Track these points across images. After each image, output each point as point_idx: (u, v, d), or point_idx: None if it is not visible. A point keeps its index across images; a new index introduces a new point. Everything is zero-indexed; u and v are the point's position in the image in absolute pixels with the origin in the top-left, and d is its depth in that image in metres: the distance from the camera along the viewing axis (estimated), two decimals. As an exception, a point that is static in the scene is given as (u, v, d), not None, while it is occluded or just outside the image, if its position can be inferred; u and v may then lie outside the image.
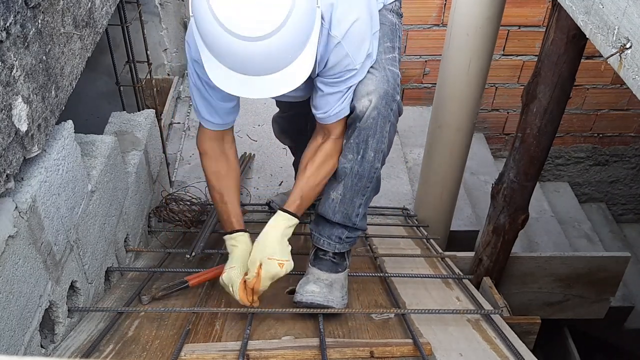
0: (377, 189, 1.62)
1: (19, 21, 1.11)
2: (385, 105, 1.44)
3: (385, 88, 1.43)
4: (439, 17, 3.54)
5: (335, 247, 1.62)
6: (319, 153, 1.53)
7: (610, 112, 4.02)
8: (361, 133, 1.46)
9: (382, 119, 1.45)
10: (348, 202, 1.57)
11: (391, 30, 1.56)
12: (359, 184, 1.54)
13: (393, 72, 1.47)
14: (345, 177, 1.54)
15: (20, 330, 1.17)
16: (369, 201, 1.61)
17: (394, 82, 1.45)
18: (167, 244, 2.19)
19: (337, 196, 1.57)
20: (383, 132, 1.47)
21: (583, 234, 3.89)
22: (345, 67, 1.40)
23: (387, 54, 1.50)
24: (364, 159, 1.50)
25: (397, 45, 1.56)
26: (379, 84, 1.43)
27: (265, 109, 3.29)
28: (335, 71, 1.41)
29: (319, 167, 1.53)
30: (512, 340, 1.52)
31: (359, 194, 1.56)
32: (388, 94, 1.43)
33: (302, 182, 1.54)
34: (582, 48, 1.80)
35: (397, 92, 1.46)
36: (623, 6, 1.07)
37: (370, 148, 1.48)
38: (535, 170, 2.12)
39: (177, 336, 1.42)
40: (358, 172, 1.52)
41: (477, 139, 3.76)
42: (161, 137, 2.46)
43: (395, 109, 1.47)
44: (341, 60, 1.39)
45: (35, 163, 1.27)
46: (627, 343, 3.62)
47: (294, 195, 1.53)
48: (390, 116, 1.46)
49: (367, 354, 1.37)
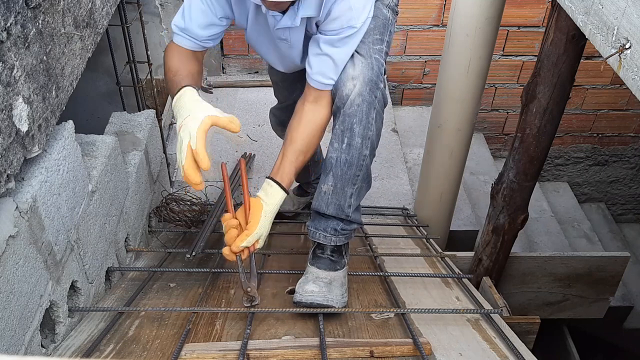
0: (368, 181, 1.63)
1: (19, 21, 1.11)
2: (369, 91, 1.47)
3: (370, 75, 1.47)
4: (439, 18, 3.54)
5: (332, 240, 1.62)
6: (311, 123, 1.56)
7: (610, 112, 4.03)
8: (346, 119, 1.49)
9: (366, 105, 1.47)
10: (339, 192, 1.57)
11: (383, 25, 1.58)
12: (349, 173, 1.55)
13: (378, 60, 1.50)
14: (334, 167, 1.55)
15: (21, 330, 1.17)
16: (361, 193, 1.62)
17: (378, 70, 1.49)
18: (167, 244, 2.19)
19: (328, 188, 1.58)
20: (369, 118, 1.49)
21: (582, 234, 3.89)
22: (347, 22, 1.43)
23: (375, 45, 1.53)
24: (351, 146, 1.51)
25: (386, 39, 1.58)
26: (364, 69, 1.47)
27: (265, 109, 3.28)
28: (336, 25, 1.44)
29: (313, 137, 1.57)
30: (512, 339, 1.53)
31: (350, 183, 1.57)
32: (372, 81, 1.47)
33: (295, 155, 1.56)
34: (581, 48, 1.80)
35: (380, 81, 1.49)
36: (622, 6, 1.07)
37: (357, 135, 1.50)
38: (534, 170, 2.12)
39: (177, 336, 1.42)
40: (347, 160, 1.53)
41: (477, 139, 3.77)
42: (161, 137, 2.46)
43: (380, 97, 1.50)
44: (345, 13, 1.42)
45: (35, 163, 1.27)
46: (626, 343, 3.62)
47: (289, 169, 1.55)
48: (374, 103, 1.48)
49: (367, 353, 1.37)
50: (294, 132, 1.57)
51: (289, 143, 1.57)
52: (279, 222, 2.40)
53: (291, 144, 1.57)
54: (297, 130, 1.57)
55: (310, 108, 1.56)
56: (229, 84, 3.68)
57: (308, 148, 1.58)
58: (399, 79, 3.82)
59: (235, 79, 3.74)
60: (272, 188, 1.54)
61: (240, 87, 3.66)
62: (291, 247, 2.15)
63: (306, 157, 1.59)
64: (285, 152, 1.57)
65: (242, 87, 3.66)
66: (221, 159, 3.02)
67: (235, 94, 3.61)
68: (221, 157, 3.04)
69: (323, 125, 1.59)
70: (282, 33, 1.55)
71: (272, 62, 1.79)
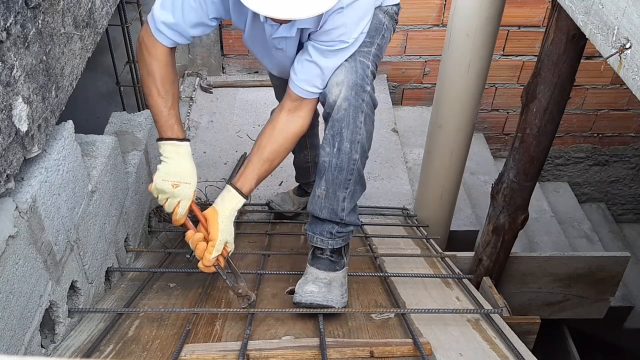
0: (361, 184, 1.63)
1: (19, 21, 1.11)
2: (355, 95, 1.47)
3: (354, 79, 1.46)
4: (439, 18, 3.54)
5: (328, 243, 1.62)
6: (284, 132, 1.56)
7: (610, 112, 4.02)
8: (335, 125, 1.50)
9: (353, 110, 1.47)
10: (332, 196, 1.58)
11: (376, 28, 1.58)
12: (340, 177, 1.55)
13: (363, 63, 1.49)
14: (326, 172, 1.56)
15: (21, 330, 1.17)
16: (355, 196, 1.62)
17: (362, 73, 1.48)
18: (167, 244, 2.19)
19: (321, 192, 1.59)
20: (357, 122, 1.49)
21: (583, 234, 3.89)
22: (338, 37, 1.43)
23: (362, 47, 1.52)
24: (340, 151, 1.52)
25: (377, 42, 1.58)
26: (348, 74, 1.47)
27: (265, 109, 3.28)
28: (327, 38, 1.44)
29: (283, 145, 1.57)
30: (512, 340, 1.53)
31: (341, 188, 1.57)
32: (357, 85, 1.47)
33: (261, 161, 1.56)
34: (581, 48, 1.80)
35: (366, 83, 1.49)
36: (623, 6, 1.07)
37: (346, 139, 1.50)
38: (535, 170, 2.12)
39: (177, 336, 1.42)
40: (337, 164, 1.53)
41: (477, 139, 3.77)
42: (161, 137, 2.46)
43: (367, 100, 1.49)
44: (337, 28, 1.41)
45: (35, 163, 1.27)
46: (626, 343, 3.62)
47: (250, 174, 1.55)
48: (362, 106, 1.48)
49: (367, 353, 1.37)
50: (263, 139, 1.57)
51: (257, 149, 1.57)
52: (279, 222, 2.40)
53: (258, 151, 1.57)
54: (268, 138, 1.57)
55: (286, 117, 1.57)
56: (228, 83, 3.68)
57: (275, 157, 1.58)
58: (399, 79, 3.82)
59: (235, 79, 3.74)
60: (230, 193, 1.55)
61: (240, 87, 3.66)
62: (291, 247, 2.15)
63: (272, 166, 1.59)
64: (252, 158, 1.57)
65: (242, 87, 3.66)
66: (221, 159, 3.02)
67: (235, 93, 3.61)
68: (221, 157, 3.04)
69: (296, 135, 1.58)
70: (278, 42, 1.55)
71: (267, 66, 1.80)
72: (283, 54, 1.59)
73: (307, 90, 1.52)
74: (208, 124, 3.35)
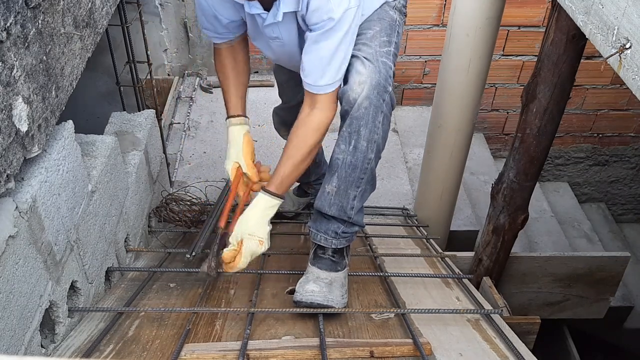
0: (372, 184, 1.63)
1: (19, 21, 1.11)
2: (377, 95, 1.46)
3: (377, 78, 1.47)
4: (439, 18, 3.54)
5: (332, 243, 1.62)
6: (304, 126, 1.55)
7: (610, 112, 4.02)
8: (353, 122, 1.49)
9: (374, 109, 1.47)
10: (343, 193, 1.57)
11: (390, 26, 1.59)
12: (353, 175, 1.55)
13: (386, 64, 1.50)
14: (339, 169, 1.55)
15: (21, 330, 1.17)
16: (365, 195, 1.62)
17: (385, 73, 1.48)
18: (167, 244, 2.19)
19: (332, 189, 1.58)
20: (375, 122, 1.49)
21: (583, 234, 3.89)
22: (326, 14, 1.40)
23: (382, 48, 1.53)
24: (357, 149, 1.51)
25: (394, 40, 1.58)
26: (371, 74, 1.46)
27: (265, 109, 3.29)
28: (317, 19, 1.42)
29: (303, 140, 1.54)
30: (512, 340, 1.53)
31: (353, 186, 1.57)
32: (380, 85, 1.47)
33: (284, 159, 1.55)
34: (581, 48, 1.80)
35: (389, 84, 1.49)
36: (623, 6, 1.07)
37: (363, 138, 1.50)
38: (535, 170, 2.12)
39: (177, 336, 1.42)
40: (351, 162, 1.53)
41: (477, 139, 3.77)
42: (161, 137, 2.46)
43: (387, 100, 1.49)
44: (322, 5, 1.40)
45: (35, 163, 1.27)
46: (626, 343, 3.62)
47: (276, 174, 1.55)
48: (382, 106, 1.48)
49: (367, 353, 1.37)
50: (289, 137, 1.58)
51: (284, 148, 1.58)
52: (279, 222, 2.40)
53: (284, 149, 1.58)
54: (291, 134, 1.57)
55: (306, 112, 1.56)
56: (229, 84, 3.68)
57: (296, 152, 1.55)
58: (399, 79, 3.82)
59: (235, 79, 3.73)
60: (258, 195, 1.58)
61: (240, 87, 3.66)
62: (291, 247, 2.15)
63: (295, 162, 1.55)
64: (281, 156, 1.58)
65: (242, 87, 3.65)
66: (221, 159, 3.02)
67: (236, 93, 3.60)
68: (221, 157, 3.04)
69: (314, 129, 1.54)
70: (271, 31, 1.55)
71: (274, 60, 1.81)
72: (280, 42, 1.58)
73: (311, 84, 1.50)
74: (208, 124, 3.35)
